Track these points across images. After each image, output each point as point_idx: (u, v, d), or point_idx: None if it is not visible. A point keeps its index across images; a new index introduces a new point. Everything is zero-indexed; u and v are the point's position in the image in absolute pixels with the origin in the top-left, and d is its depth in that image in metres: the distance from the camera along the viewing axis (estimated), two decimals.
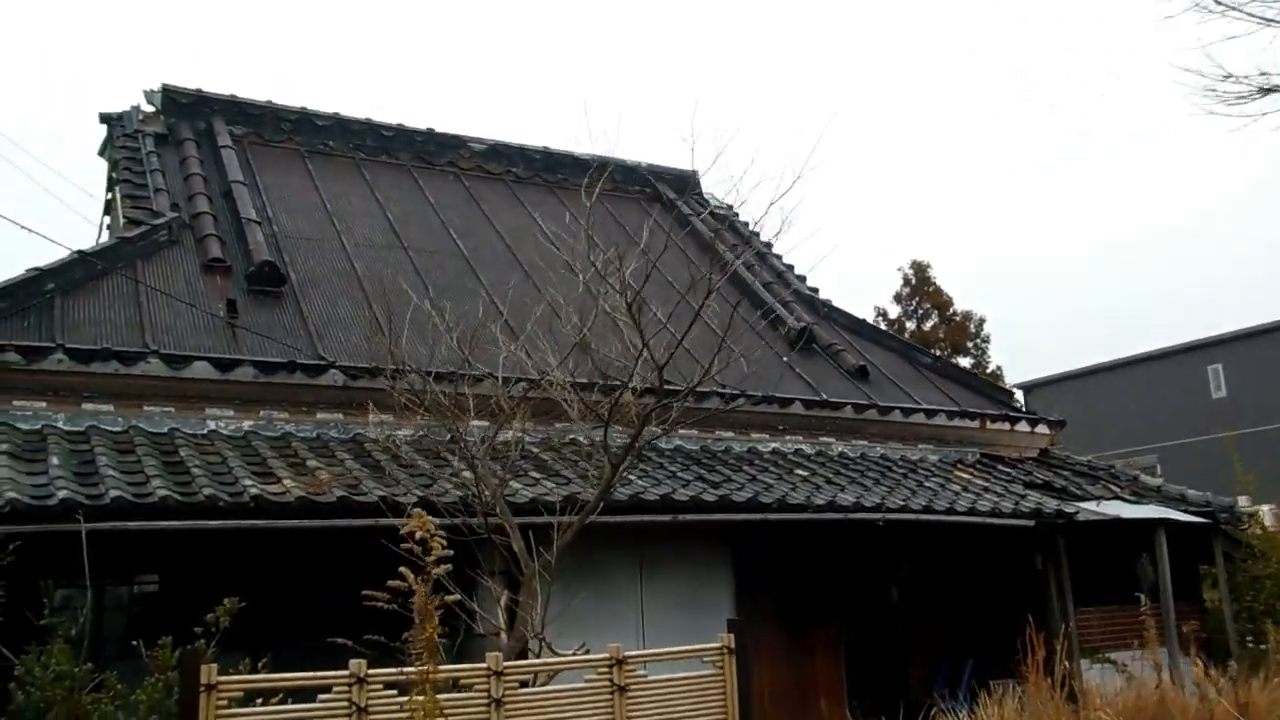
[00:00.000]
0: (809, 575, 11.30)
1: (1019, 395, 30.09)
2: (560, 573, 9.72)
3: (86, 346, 8.84)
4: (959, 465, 12.84)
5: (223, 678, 4.35)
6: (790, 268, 16.07)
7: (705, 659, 5.49)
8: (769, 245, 15.98)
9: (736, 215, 17.05)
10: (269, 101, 14.48)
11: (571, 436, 9.99)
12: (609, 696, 4.94)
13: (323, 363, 9.78)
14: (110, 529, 7.27)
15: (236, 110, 14.10)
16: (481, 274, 12.61)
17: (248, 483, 8.04)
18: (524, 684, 5.02)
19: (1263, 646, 12.58)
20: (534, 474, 9.36)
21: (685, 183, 17.47)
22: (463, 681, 4.80)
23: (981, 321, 30.90)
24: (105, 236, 12.75)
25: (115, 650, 6.88)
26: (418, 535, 4.62)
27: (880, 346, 14.75)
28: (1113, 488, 13.17)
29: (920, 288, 31.39)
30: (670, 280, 12.37)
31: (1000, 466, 13.02)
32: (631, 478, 9.91)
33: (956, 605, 12.39)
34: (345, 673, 4.57)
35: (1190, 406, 35.26)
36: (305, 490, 8.10)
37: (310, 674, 4.54)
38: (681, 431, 11.50)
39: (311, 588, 8.38)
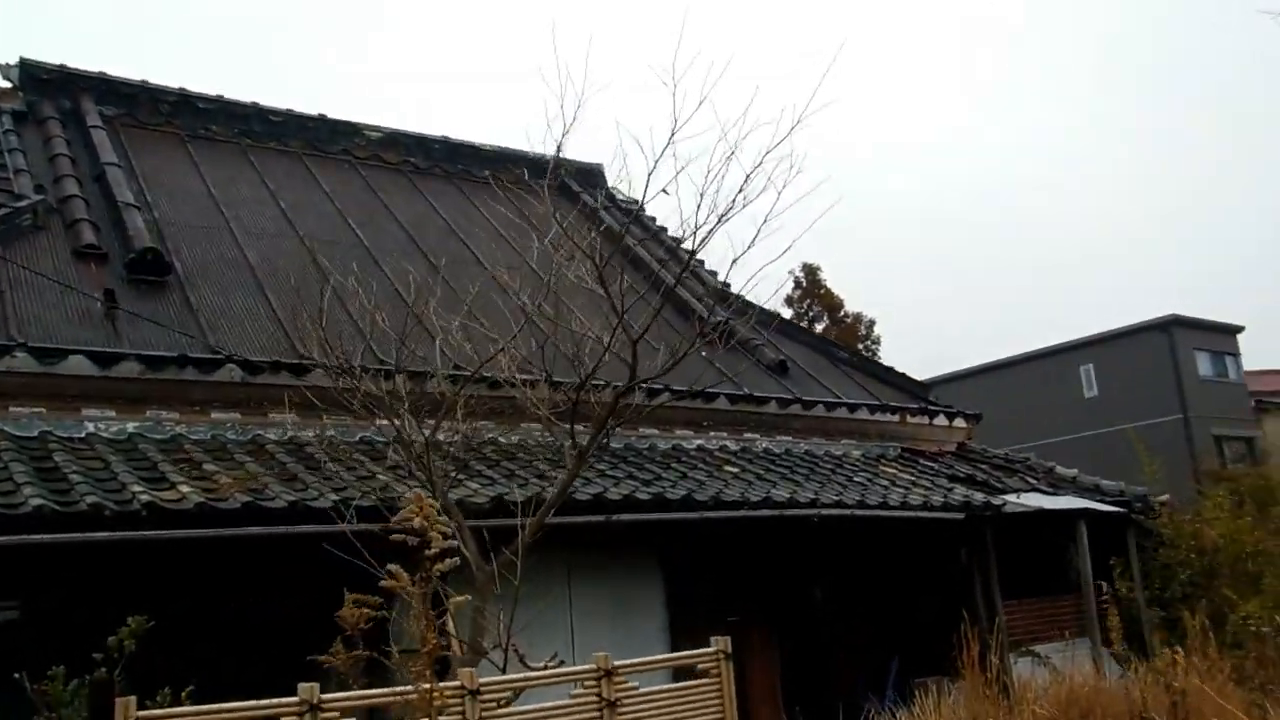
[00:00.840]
0: (740, 576, 10.84)
1: None
2: (479, 581, 9.02)
3: None
4: (882, 460, 12.60)
5: (144, 714, 3.56)
6: (701, 263, 15.65)
7: (700, 665, 4.93)
8: (678, 241, 15.54)
9: (643, 210, 16.64)
10: (144, 81, 13.31)
11: (498, 435, 9.28)
12: (597, 714, 4.32)
13: (218, 356, 8.84)
14: None
15: (107, 89, 12.91)
16: (384, 265, 11.77)
17: (136, 489, 7.11)
18: (499, 703, 4.36)
19: (1176, 633, 12.76)
20: (462, 475, 8.63)
21: (592, 176, 16.90)
22: (437, 704, 4.11)
23: (872, 323, 31.25)
24: None
25: None
26: (415, 524, 3.91)
27: (795, 341, 14.45)
28: (1029, 479, 13.14)
29: (811, 290, 31.53)
30: (583, 276, 11.84)
31: (922, 461, 12.84)
32: (557, 476, 9.27)
33: (881, 603, 12.13)
34: (295, 700, 3.83)
35: (1065, 405, 36.39)
36: (205, 496, 7.21)
37: (252, 704, 3.79)
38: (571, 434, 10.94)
39: (225, 604, 7.51)
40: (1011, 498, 12.01)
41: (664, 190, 6.30)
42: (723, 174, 6.26)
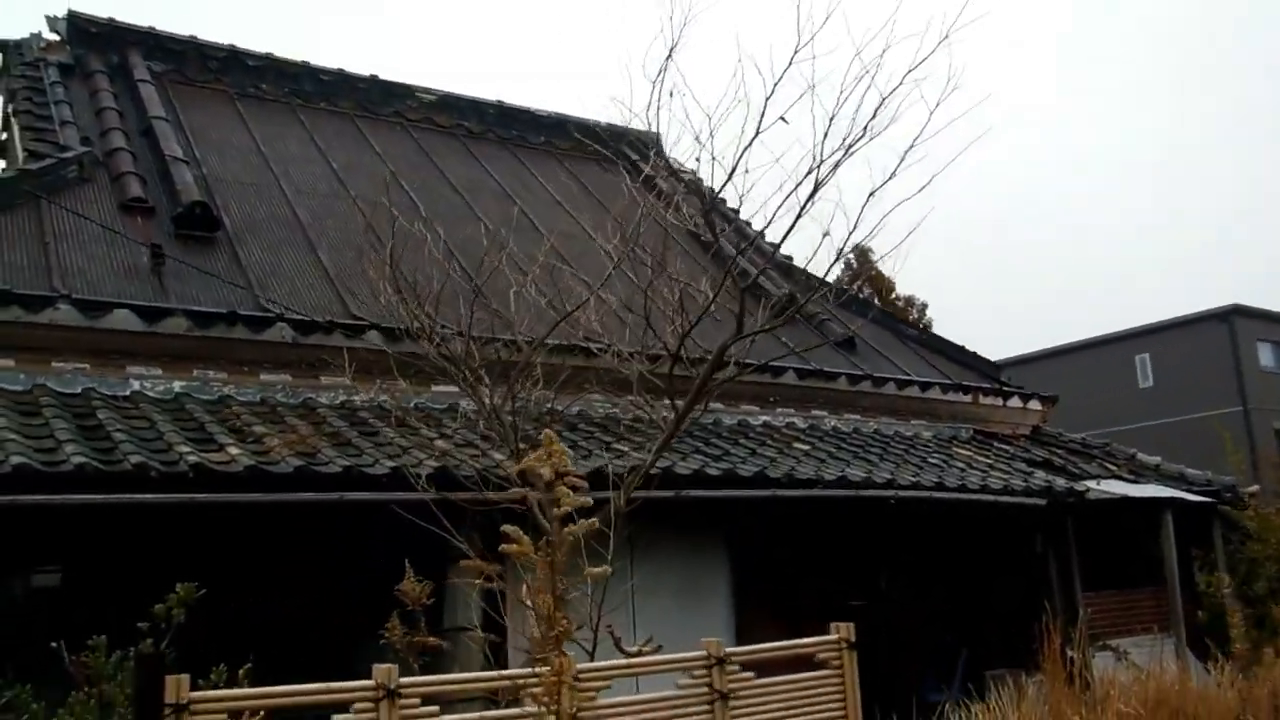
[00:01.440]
0: (808, 560, 10.26)
1: None
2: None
3: None
4: (955, 442, 11.97)
5: (199, 694, 3.07)
6: (761, 234, 15.05)
7: (819, 656, 4.39)
8: (736, 212, 14.97)
9: (701, 180, 16.03)
10: (192, 37, 12.89)
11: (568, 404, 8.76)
12: (708, 707, 3.80)
13: (269, 314, 8.38)
14: (10, 504, 5.85)
15: (155, 44, 12.50)
16: (440, 227, 11.25)
17: (184, 449, 6.67)
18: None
19: (1265, 631, 12.05)
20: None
21: (647, 145, 16.30)
22: (526, 693, 3.61)
23: (924, 306, 30.41)
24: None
25: (24, 658, 5.46)
26: (544, 474, 3.39)
27: (862, 317, 13.80)
28: (1109, 466, 12.45)
29: (861, 271, 30.72)
30: (643, 247, 11.31)
31: (997, 444, 12.19)
32: (624, 449, 8.76)
33: (952, 592, 11.51)
34: (368, 684, 3.33)
35: (1119, 395, 35.39)
36: (255, 459, 6.75)
37: (322, 686, 3.29)
38: (668, 402, 10.40)
39: (277, 574, 7.09)
40: (1092, 484, 11.33)
41: (782, 118, 5.70)
42: (849, 97, 5.63)
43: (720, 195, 16.38)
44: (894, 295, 31.01)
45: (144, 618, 4.10)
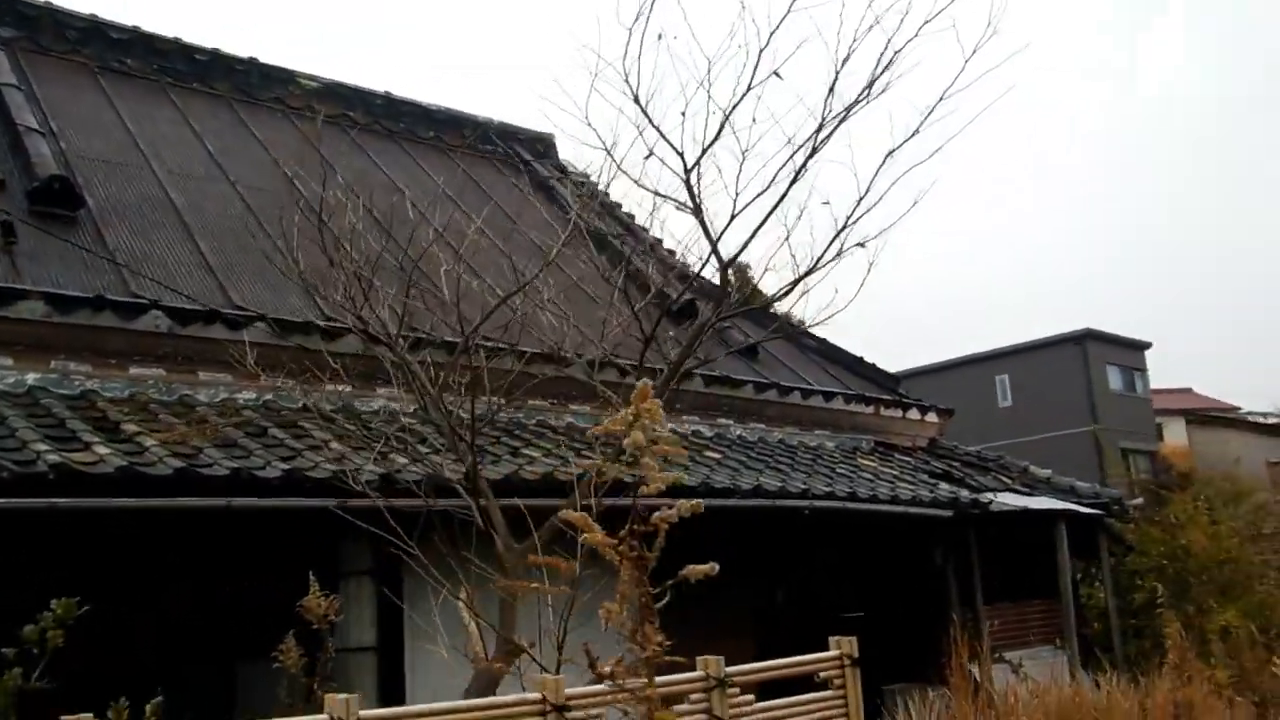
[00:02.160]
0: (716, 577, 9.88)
1: None
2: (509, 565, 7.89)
3: None
4: (859, 453, 11.83)
5: None
6: (659, 241, 14.72)
7: (820, 675, 3.95)
8: (631, 216, 14.67)
9: (595, 183, 15.63)
10: (49, 3, 11.73)
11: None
12: None
13: (141, 300, 7.51)
14: None
15: (6, 7, 11.31)
16: (328, 218, 10.47)
17: (41, 448, 5.81)
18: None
19: (1145, 641, 12.31)
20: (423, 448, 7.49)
21: (542, 145, 15.83)
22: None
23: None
24: None
25: None
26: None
27: (761, 326, 13.58)
28: (1003, 479, 12.53)
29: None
30: (538, 245, 10.81)
31: (898, 455, 12.11)
32: (534, 455, 8.21)
33: (848, 605, 11.33)
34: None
35: (980, 414, 36.48)
36: (127, 460, 5.94)
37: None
38: (573, 408, 9.91)
39: (160, 590, 6.28)
40: (990, 495, 11.35)
41: (776, 74, 5.27)
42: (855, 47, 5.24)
43: (610, 196, 16.01)
44: (772, 311, 31.28)
45: (7, 642, 3.36)
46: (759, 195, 5.39)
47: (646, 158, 5.41)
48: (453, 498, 5.74)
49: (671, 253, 14.86)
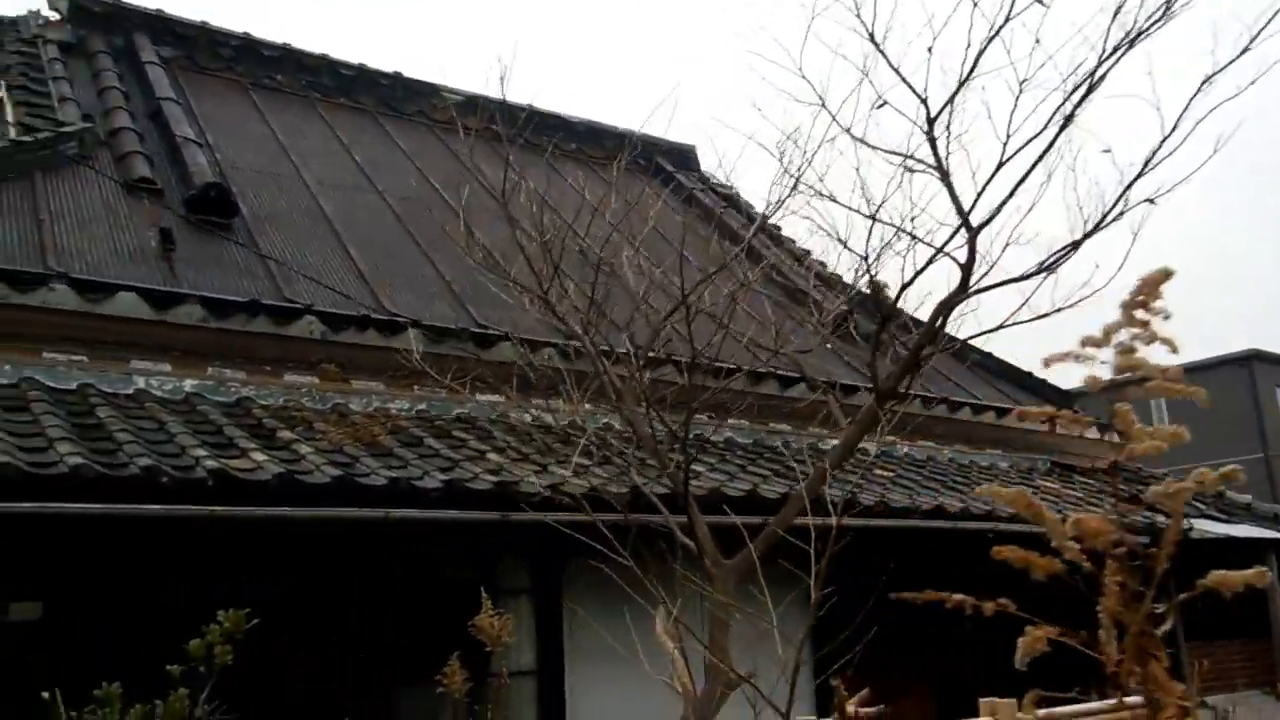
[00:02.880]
0: (880, 598, 9.13)
1: None
2: (586, 589, 7.39)
3: None
4: (1036, 473, 10.90)
5: None
6: (808, 253, 14.08)
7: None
8: (778, 229, 14.10)
9: (738, 194, 15.15)
10: (204, 23, 11.89)
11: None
12: None
13: (295, 305, 7.29)
14: None
15: (163, 28, 11.50)
16: (477, 229, 10.22)
17: (200, 453, 5.54)
18: None
19: None
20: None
21: (684, 157, 15.42)
22: None
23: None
24: None
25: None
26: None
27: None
28: (1198, 504, 11.37)
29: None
30: (689, 257, 10.31)
31: (1078, 477, 11.12)
32: (698, 470, 7.66)
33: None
34: None
35: (1232, 421, 33.95)
36: (284, 467, 5.62)
37: None
38: (731, 422, 9.32)
39: (308, 607, 5.95)
40: (1190, 522, 10.27)
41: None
42: None
43: (754, 207, 15.42)
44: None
45: (158, 658, 2.97)
46: (1024, 146, 4.55)
47: (877, 105, 4.75)
48: (648, 513, 5.21)
49: (823, 264, 14.21)
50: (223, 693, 3.33)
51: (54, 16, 10.97)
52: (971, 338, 5.40)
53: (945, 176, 4.62)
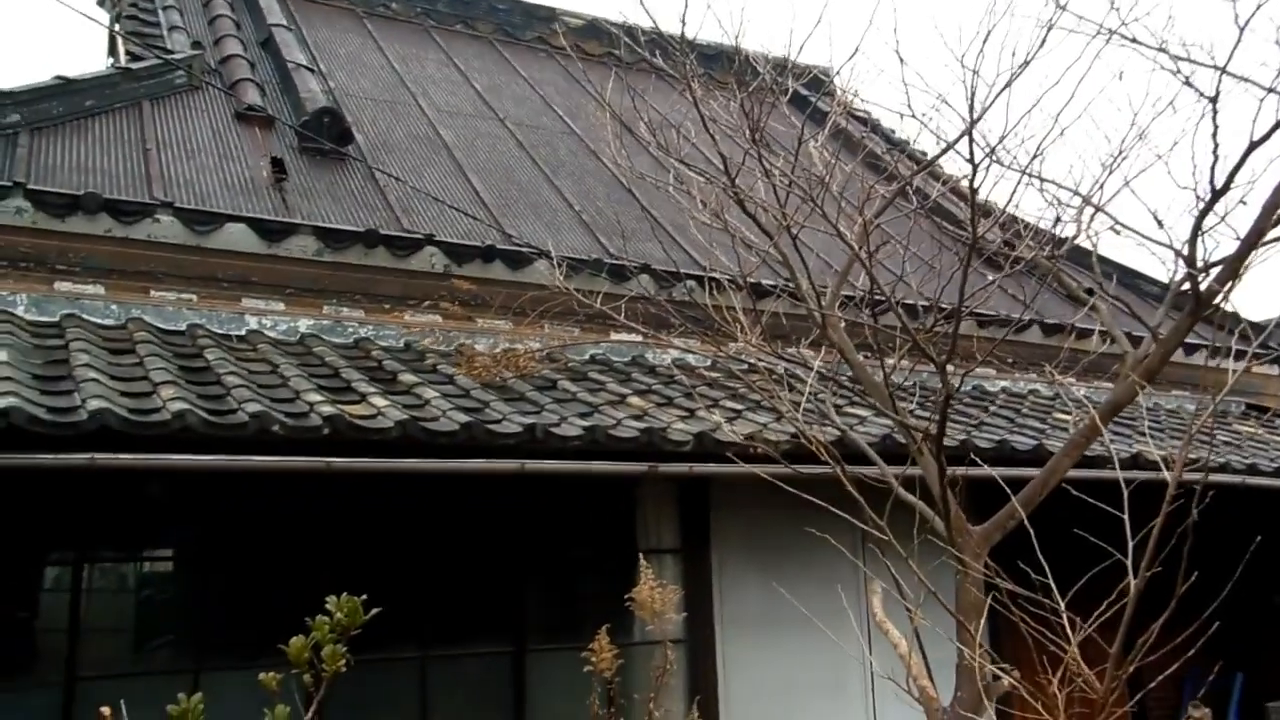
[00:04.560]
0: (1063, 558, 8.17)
1: None
2: (738, 548, 6.65)
3: (61, 190, 5.74)
4: (1230, 417, 9.70)
5: None
6: (953, 177, 12.91)
7: None
8: (924, 154, 12.92)
9: (878, 121, 14.00)
10: None
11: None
12: None
13: (415, 235, 6.66)
14: (87, 465, 4.20)
15: None
16: (602, 156, 9.47)
17: (315, 398, 4.96)
18: None
19: None
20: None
21: (819, 82, 14.27)
22: None
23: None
24: None
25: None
26: None
27: (1088, 270, 11.54)
28: None
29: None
30: (839, 191, 9.37)
31: (1279, 421, 9.86)
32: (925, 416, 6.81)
33: (1208, 602, 9.27)
34: None
35: None
36: (406, 413, 5.00)
37: None
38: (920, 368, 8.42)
39: (437, 572, 5.40)
40: None
41: None
42: None
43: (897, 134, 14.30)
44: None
45: (273, 634, 2.34)
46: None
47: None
48: (857, 463, 4.41)
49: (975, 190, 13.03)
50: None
51: None
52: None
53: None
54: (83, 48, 32.66)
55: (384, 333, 6.48)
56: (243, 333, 6.04)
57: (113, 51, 10.07)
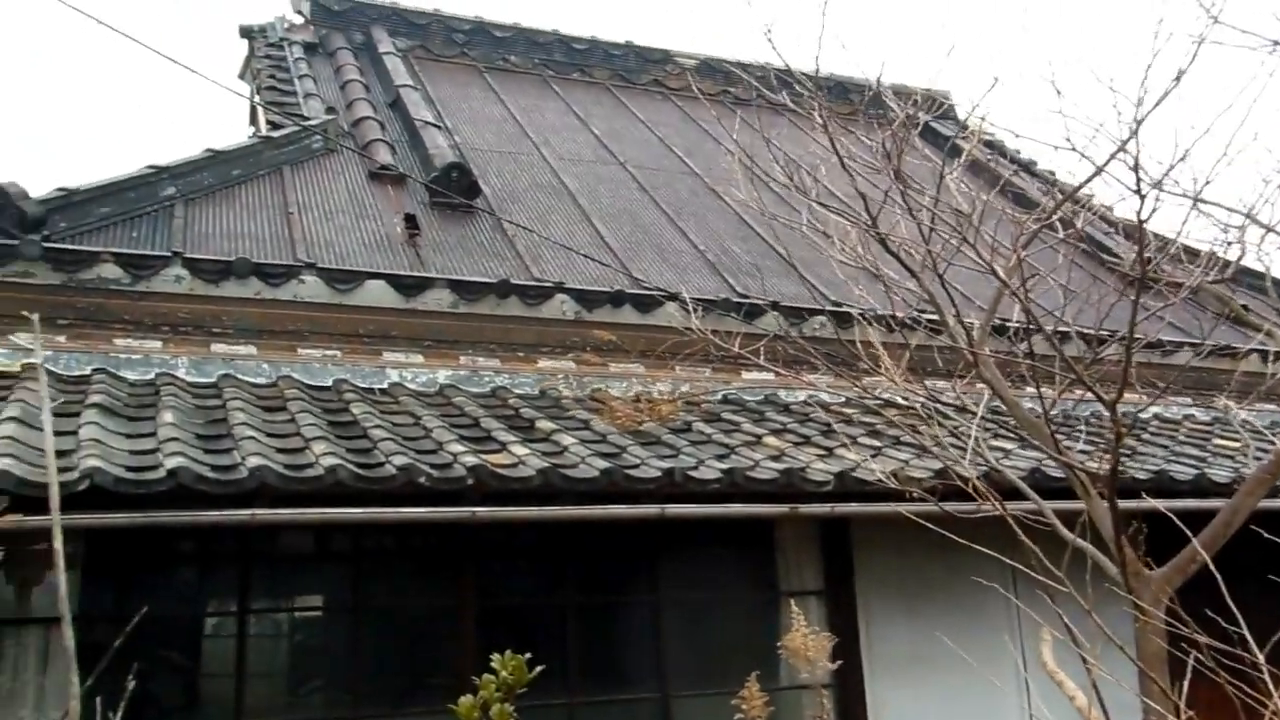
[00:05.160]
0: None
1: None
2: (884, 588, 6.47)
3: (214, 257, 6.04)
4: None
5: None
6: (1110, 208, 12.47)
7: None
8: (1052, 174, 12.61)
9: (1003, 144, 13.66)
10: (436, 11, 11.76)
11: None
12: None
13: (545, 284, 6.77)
14: (248, 520, 4.36)
15: (399, 20, 11.42)
16: (724, 195, 9.48)
17: (457, 449, 5.05)
18: None
19: None
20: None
21: (937, 105, 14.02)
22: None
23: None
24: None
25: None
26: None
27: (1245, 290, 10.97)
28: None
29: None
30: (978, 222, 9.14)
31: None
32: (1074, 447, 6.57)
33: None
34: None
35: None
36: (547, 461, 5.05)
37: None
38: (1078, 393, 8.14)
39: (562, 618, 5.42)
40: None
41: None
42: None
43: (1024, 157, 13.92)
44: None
45: (409, 691, 2.36)
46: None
47: None
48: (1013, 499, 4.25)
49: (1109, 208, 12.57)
50: None
51: (298, 20, 11.09)
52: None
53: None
54: (221, 118, 34.52)
55: (519, 380, 6.58)
56: (385, 385, 6.21)
57: (253, 121, 10.62)
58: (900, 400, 4.84)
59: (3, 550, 3.52)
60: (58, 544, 1.97)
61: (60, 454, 4.36)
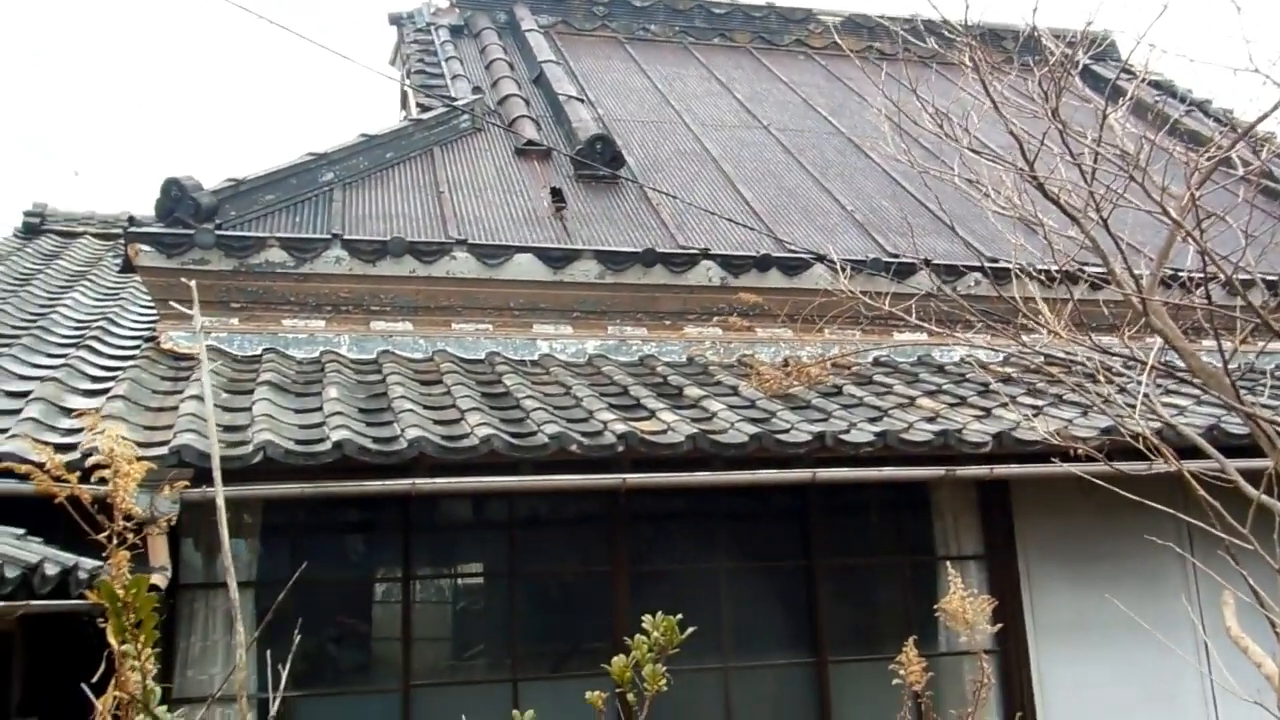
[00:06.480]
0: None
1: None
2: (1047, 552, 6.21)
3: (371, 238, 6.26)
4: None
5: None
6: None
7: None
8: (1229, 112, 11.80)
9: (1171, 83, 12.83)
10: None
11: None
12: None
13: (691, 251, 6.75)
14: (409, 489, 4.53)
15: None
16: (871, 153, 9.23)
17: (607, 417, 5.11)
18: None
19: None
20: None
21: (1097, 45, 13.25)
22: None
23: None
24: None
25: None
26: None
27: None
28: None
29: None
30: (1146, 163, 8.61)
31: None
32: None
33: None
34: None
35: None
36: (696, 427, 5.05)
37: None
38: (1271, 346, 7.65)
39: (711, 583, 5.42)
40: None
41: None
42: None
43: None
44: None
45: (566, 655, 2.41)
46: None
47: None
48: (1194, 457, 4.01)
49: None
50: None
51: (444, 4, 11.36)
52: None
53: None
54: (375, 104, 35.79)
55: (666, 348, 6.60)
56: (535, 357, 6.33)
57: (404, 105, 10.96)
58: (1062, 356, 4.62)
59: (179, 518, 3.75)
60: (221, 514, 2.09)
61: (236, 429, 4.63)
